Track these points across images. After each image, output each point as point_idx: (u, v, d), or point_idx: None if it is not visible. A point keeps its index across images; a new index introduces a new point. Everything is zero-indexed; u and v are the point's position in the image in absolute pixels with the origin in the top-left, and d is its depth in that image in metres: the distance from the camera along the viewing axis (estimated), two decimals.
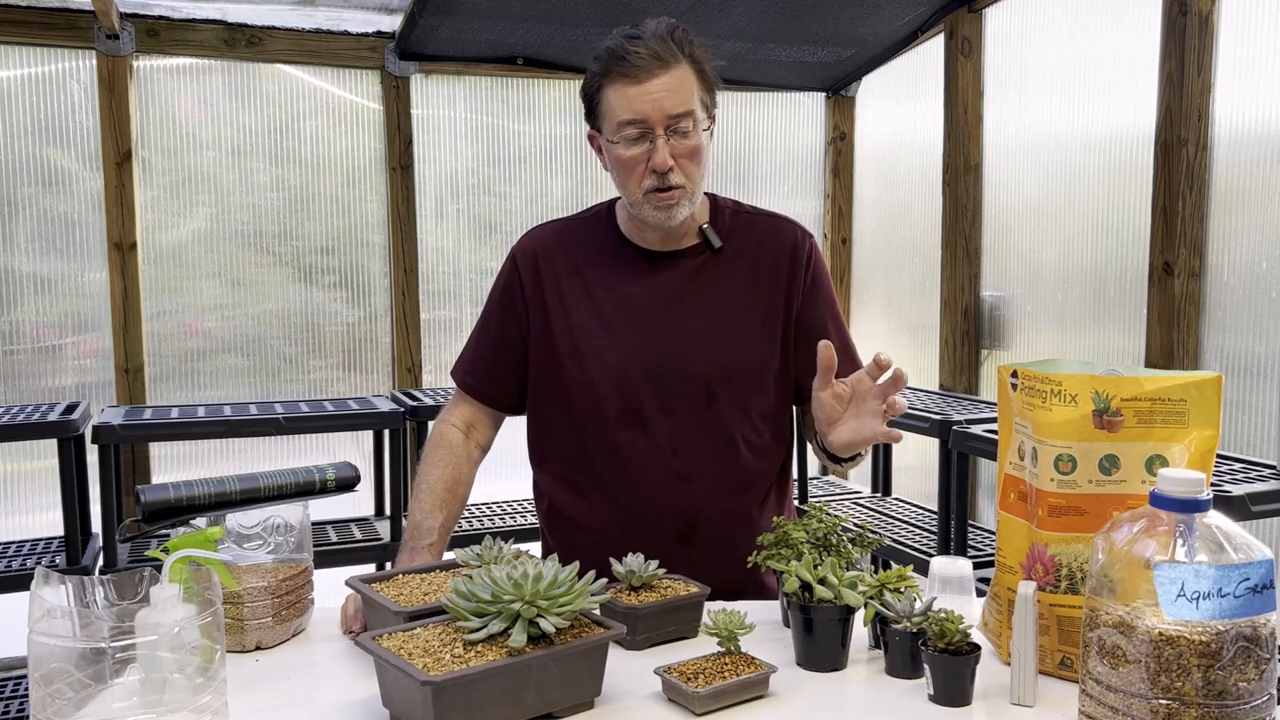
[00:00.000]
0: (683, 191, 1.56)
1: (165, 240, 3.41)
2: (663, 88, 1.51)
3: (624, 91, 1.52)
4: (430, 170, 3.69)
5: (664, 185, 1.54)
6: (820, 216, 4.24)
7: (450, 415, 1.74)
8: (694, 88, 1.54)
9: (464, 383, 1.75)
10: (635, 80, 1.51)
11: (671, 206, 1.56)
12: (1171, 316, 2.67)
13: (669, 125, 1.52)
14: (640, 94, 1.51)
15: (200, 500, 1.45)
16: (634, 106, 1.52)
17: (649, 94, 1.51)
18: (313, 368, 3.60)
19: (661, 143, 1.52)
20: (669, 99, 1.51)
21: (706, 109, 1.57)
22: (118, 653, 1.03)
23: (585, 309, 1.65)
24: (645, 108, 1.51)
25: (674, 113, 1.52)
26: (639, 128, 1.53)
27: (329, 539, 3.07)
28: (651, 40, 1.51)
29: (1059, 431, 1.22)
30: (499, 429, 1.78)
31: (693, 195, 1.58)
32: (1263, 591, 0.98)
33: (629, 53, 1.51)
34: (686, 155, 1.54)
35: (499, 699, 1.09)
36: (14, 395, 3.25)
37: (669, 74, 1.51)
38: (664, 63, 1.51)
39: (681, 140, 1.53)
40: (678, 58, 1.52)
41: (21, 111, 3.21)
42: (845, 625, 1.28)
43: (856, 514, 3.40)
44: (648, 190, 1.55)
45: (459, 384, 1.76)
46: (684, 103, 1.52)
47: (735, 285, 1.65)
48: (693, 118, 1.53)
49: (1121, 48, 2.90)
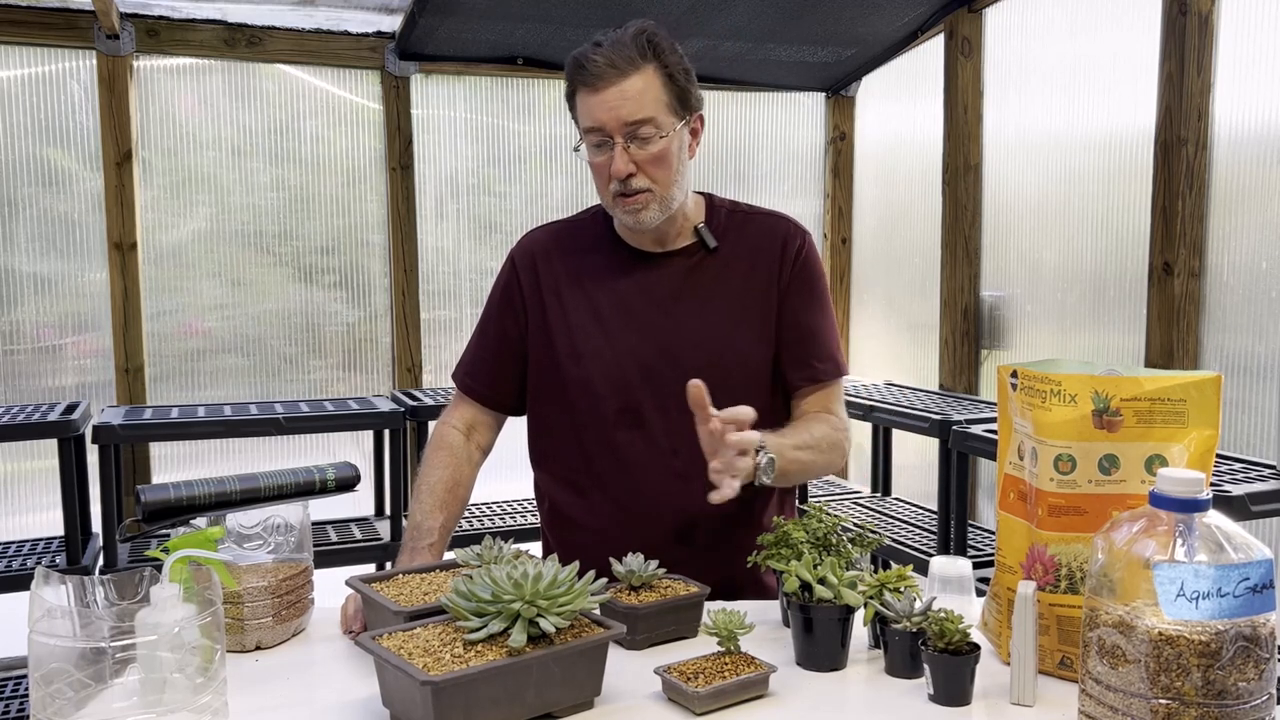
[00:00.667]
0: (650, 195, 1.56)
1: (165, 240, 3.41)
2: (619, 96, 1.51)
3: (586, 100, 1.54)
4: (430, 170, 3.69)
5: (627, 191, 1.55)
6: (820, 216, 4.24)
7: (451, 417, 1.75)
8: (658, 93, 1.54)
9: (464, 385, 1.76)
10: (594, 89, 1.53)
11: (639, 211, 1.57)
12: (1171, 316, 2.67)
13: (627, 133, 1.53)
14: (598, 103, 1.53)
15: (200, 500, 1.45)
16: (593, 115, 1.54)
17: (606, 102, 1.52)
18: (313, 368, 3.60)
19: (619, 150, 1.53)
20: (625, 106, 1.52)
21: (675, 113, 1.56)
22: (118, 653, 1.03)
23: (583, 310, 1.66)
24: (602, 116, 1.53)
25: (630, 119, 1.52)
26: (598, 135, 1.55)
27: (329, 539, 3.07)
28: (611, 48, 1.52)
29: (1059, 431, 1.22)
30: (500, 431, 1.79)
31: (664, 198, 1.58)
32: (1262, 591, 0.98)
33: (588, 60, 1.52)
34: (649, 161, 1.55)
35: (499, 699, 1.09)
36: (14, 395, 3.25)
37: (626, 81, 1.52)
38: (621, 71, 1.51)
39: (643, 146, 1.54)
40: (637, 64, 1.52)
41: (21, 111, 3.21)
42: (845, 625, 1.28)
43: (856, 514, 3.40)
44: (614, 195, 1.57)
45: (459, 386, 1.76)
46: (641, 109, 1.52)
47: (731, 284, 1.65)
48: (654, 124, 1.53)
49: (1121, 48, 2.90)
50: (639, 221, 1.58)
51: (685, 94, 1.58)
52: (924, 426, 2.87)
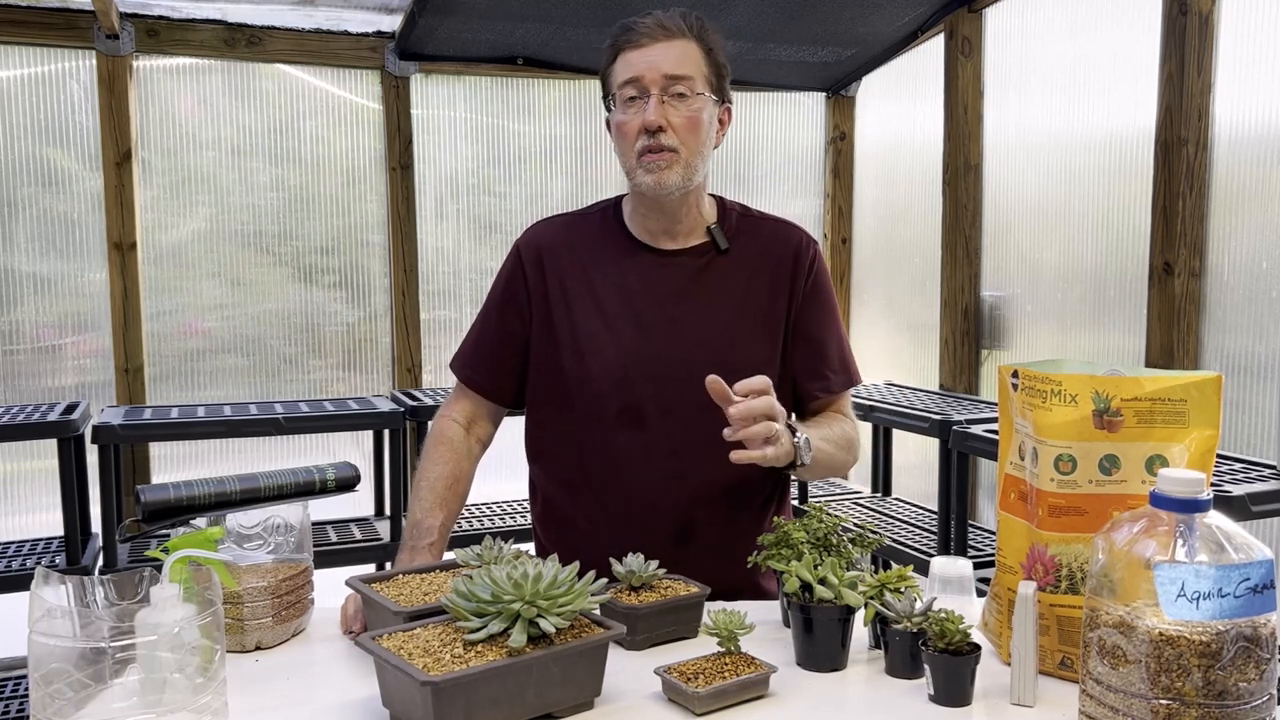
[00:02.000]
0: (675, 156, 1.55)
1: (165, 240, 3.41)
2: (662, 51, 1.54)
3: (627, 57, 1.56)
4: (430, 170, 3.69)
5: (655, 146, 1.54)
6: (820, 216, 4.24)
7: (450, 410, 1.73)
8: (699, 62, 1.57)
9: (464, 376, 1.74)
10: (638, 45, 1.55)
11: (663, 169, 1.55)
12: (1171, 316, 2.67)
13: (665, 86, 1.54)
14: (640, 56, 1.55)
15: (200, 500, 1.45)
16: (633, 67, 1.55)
17: (648, 56, 1.54)
18: (313, 368, 3.60)
19: (654, 101, 1.54)
20: (666, 60, 1.54)
21: (711, 87, 1.58)
22: (118, 653, 1.03)
23: (587, 305, 1.65)
24: (642, 67, 1.54)
25: (670, 73, 1.53)
26: (635, 87, 1.55)
27: (329, 539, 3.07)
28: (661, 15, 1.56)
29: (1059, 431, 1.22)
30: (499, 424, 1.78)
31: (689, 165, 1.57)
32: (1263, 591, 0.98)
33: (636, 24, 1.56)
34: (682, 120, 1.55)
35: (499, 699, 1.09)
36: (14, 395, 3.25)
37: (671, 42, 1.55)
38: (668, 32, 1.55)
39: (678, 103, 1.54)
40: (685, 33, 1.56)
41: (21, 111, 3.21)
42: (845, 625, 1.28)
43: (856, 514, 3.40)
44: (640, 152, 1.56)
45: (459, 377, 1.75)
46: (682, 66, 1.54)
47: (739, 287, 1.65)
48: (691, 84, 1.55)
49: (1121, 48, 2.90)
50: (659, 183, 1.56)
51: (722, 77, 1.61)
52: (924, 426, 2.87)
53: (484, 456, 1.77)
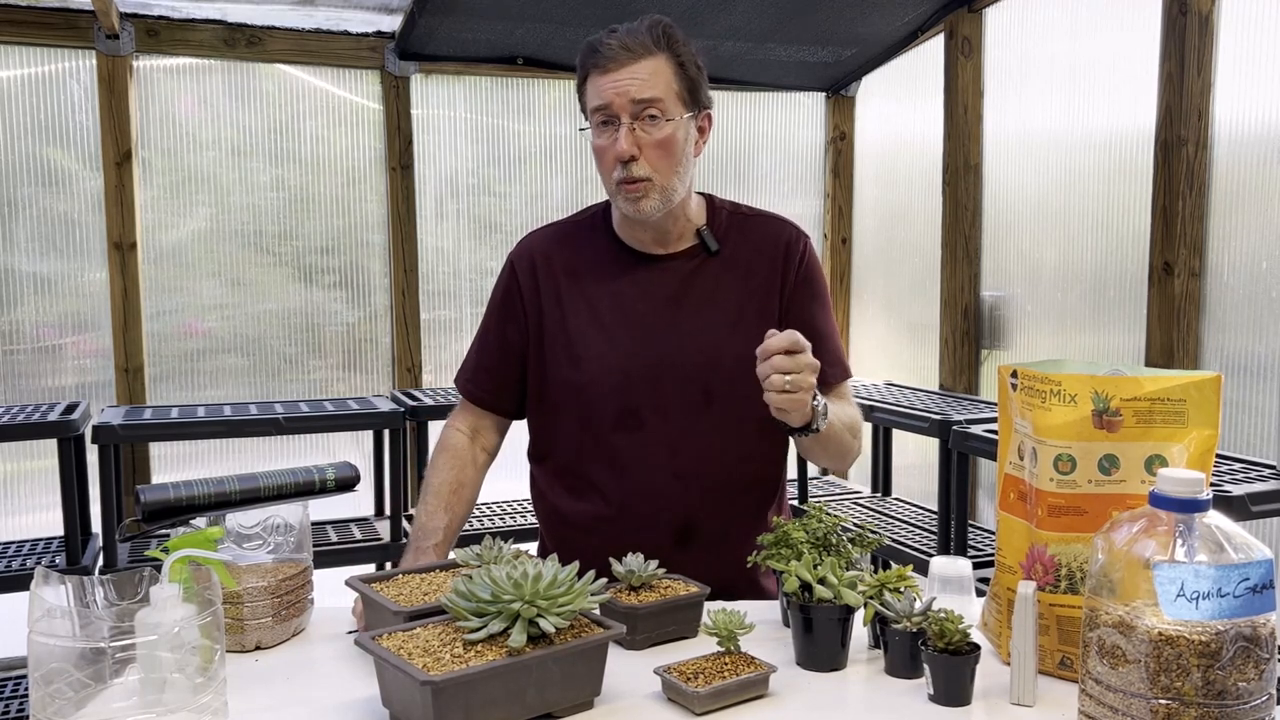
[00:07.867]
0: (649, 184, 1.55)
1: (165, 240, 3.41)
2: (629, 75, 1.52)
3: (596, 81, 1.55)
4: (430, 170, 3.69)
5: (629, 178, 1.54)
6: (820, 216, 4.24)
7: (456, 420, 1.76)
8: (669, 80, 1.54)
9: (467, 391, 1.76)
10: (604, 70, 1.53)
11: (639, 200, 1.56)
12: (1171, 316, 2.67)
13: (634, 112, 1.52)
14: (608, 82, 1.53)
15: (200, 500, 1.45)
16: (602, 93, 1.54)
17: (616, 81, 1.53)
18: (313, 368, 3.60)
19: (624, 130, 1.53)
20: (634, 85, 1.52)
21: (684, 103, 1.56)
22: (118, 653, 1.03)
23: (582, 312, 1.66)
24: (610, 94, 1.53)
25: (638, 98, 1.52)
26: (604, 114, 1.54)
27: (329, 539, 3.07)
28: (625, 34, 1.54)
29: (1059, 431, 1.22)
30: (505, 433, 1.79)
31: (664, 188, 1.57)
32: (1262, 591, 0.98)
33: (602, 45, 1.54)
34: (654, 146, 1.54)
35: (499, 699, 1.09)
36: (14, 395, 3.25)
37: (638, 64, 1.53)
38: (633, 53, 1.53)
39: (650, 126, 1.53)
40: (651, 50, 1.53)
41: (21, 111, 3.21)
42: (845, 625, 1.28)
43: (856, 514, 3.40)
44: (616, 181, 1.56)
45: (462, 393, 1.77)
46: (650, 88, 1.52)
47: (732, 287, 1.65)
48: (661, 105, 1.53)
49: (1121, 48, 2.90)
50: (638, 211, 1.57)
51: (696, 87, 1.58)
52: (924, 426, 2.87)
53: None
